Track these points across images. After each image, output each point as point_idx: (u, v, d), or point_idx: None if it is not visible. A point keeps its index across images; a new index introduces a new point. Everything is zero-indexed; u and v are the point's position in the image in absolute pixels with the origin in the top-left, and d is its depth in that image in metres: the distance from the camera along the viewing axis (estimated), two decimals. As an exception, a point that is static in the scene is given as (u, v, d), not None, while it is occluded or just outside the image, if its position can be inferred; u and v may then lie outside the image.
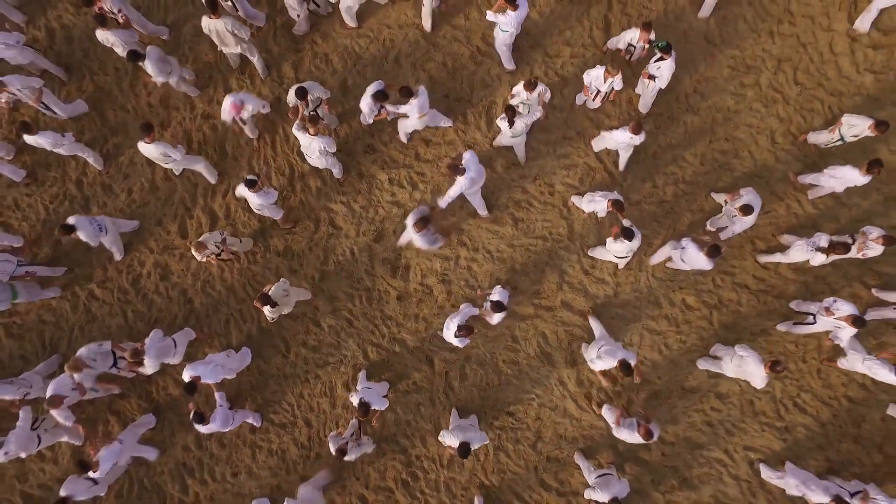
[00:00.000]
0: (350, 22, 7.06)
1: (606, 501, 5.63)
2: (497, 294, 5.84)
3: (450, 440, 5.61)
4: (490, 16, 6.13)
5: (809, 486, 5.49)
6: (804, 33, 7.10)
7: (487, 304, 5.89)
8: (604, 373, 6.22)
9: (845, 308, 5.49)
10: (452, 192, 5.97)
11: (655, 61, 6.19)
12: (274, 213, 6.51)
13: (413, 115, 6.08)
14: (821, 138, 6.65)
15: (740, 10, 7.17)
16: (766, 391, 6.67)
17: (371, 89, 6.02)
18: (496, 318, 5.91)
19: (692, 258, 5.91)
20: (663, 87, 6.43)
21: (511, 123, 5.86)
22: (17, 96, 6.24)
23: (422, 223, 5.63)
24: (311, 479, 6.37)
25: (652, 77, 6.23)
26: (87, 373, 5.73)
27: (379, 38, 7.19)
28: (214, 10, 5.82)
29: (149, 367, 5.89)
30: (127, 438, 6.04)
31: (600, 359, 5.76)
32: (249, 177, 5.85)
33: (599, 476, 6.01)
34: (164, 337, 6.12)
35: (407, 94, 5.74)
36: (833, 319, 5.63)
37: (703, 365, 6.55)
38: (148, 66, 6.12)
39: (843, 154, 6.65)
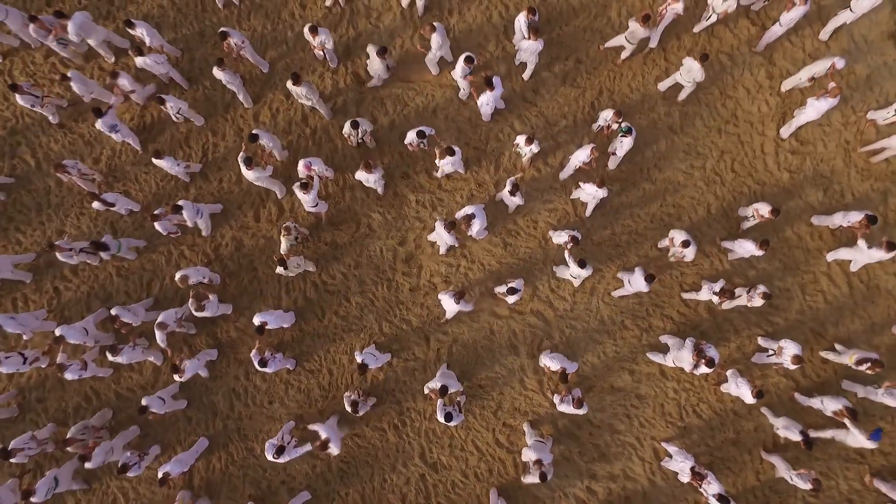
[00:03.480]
0: (433, 70, 9.28)
1: (532, 460, 7.84)
2: (515, 283, 7.93)
3: (433, 383, 7.84)
4: (479, 101, 8.47)
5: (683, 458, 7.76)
6: (744, 134, 9.32)
7: (504, 289, 7.94)
8: (548, 368, 8.32)
9: (711, 353, 7.67)
10: (478, 230, 8.21)
11: (621, 137, 8.39)
12: (322, 208, 8.74)
13: (449, 165, 8.36)
14: (747, 213, 8.83)
15: (699, 110, 9.39)
16: (674, 398, 8.90)
17: (418, 128, 8.19)
18: (511, 300, 7.92)
19: (636, 281, 8.07)
20: (620, 157, 8.63)
21: (513, 195, 8.13)
22: (170, 113, 8.60)
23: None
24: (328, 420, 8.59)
25: (614, 153, 8.48)
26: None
27: (423, 92, 9.47)
28: (297, 82, 8.14)
29: (209, 309, 8.16)
30: (202, 357, 8.43)
31: (551, 360, 8.04)
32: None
33: (536, 440, 8.24)
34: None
35: (451, 152, 8.03)
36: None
37: (652, 357, 8.73)
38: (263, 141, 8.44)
39: (758, 231, 8.85)
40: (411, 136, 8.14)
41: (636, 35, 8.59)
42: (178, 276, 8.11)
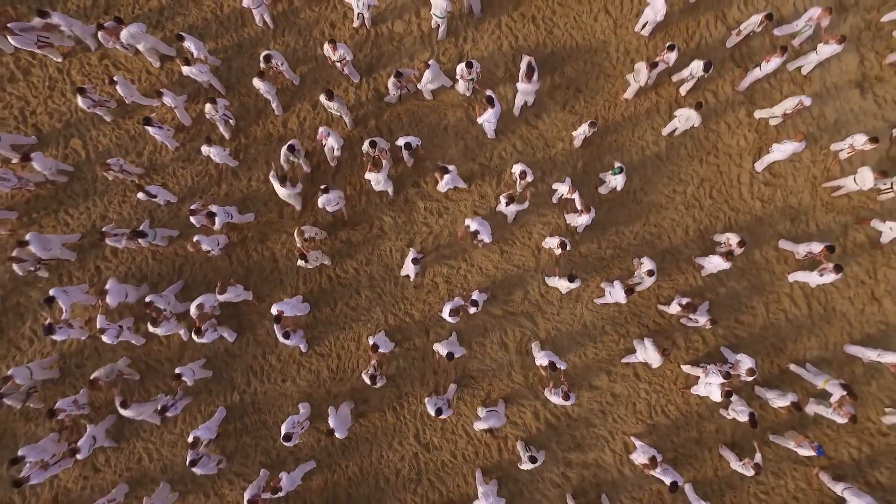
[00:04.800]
0: (427, 96, 10.38)
1: (484, 427, 8.89)
2: (475, 295, 9.07)
3: (441, 349, 8.84)
4: (480, 118, 9.44)
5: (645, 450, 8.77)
6: (723, 164, 10.32)
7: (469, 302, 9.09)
8: (541, 366, 9.38)
9: (652, 357, 8.72)
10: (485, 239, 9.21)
11: (614, 176, 9.41)
12: (338, 208, 9.74)
13: (447, 182, 9.38)
14: (721, 239, 9.82)
15: (683, 140, 10.41)
16: (645, 398, 9.90)
17: (406, 139, 9.23)
18: (471, 310, 9.09)
19: (616, 293, 9.09)
20: (619, 189, 9.68)
21: (507, 205, 9.12)
22: (218, 114, 9.65)
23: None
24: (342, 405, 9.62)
25: (604, 184, 9.57)
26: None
27: (437, 111, 10.50)
28: (330, 97, 9.20)
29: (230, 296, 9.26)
30: (222, 331, 9.50)
31: (542, 358, 9.04)
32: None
33: (487, 411, 9.20)
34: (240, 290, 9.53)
35: (445, 171, 9.04)
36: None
37: (626, 360, 9.78)
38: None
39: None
40: (400, 143, 9.24)
41: (640, 75, 9.62)
42: (192, 240, 9.13)
